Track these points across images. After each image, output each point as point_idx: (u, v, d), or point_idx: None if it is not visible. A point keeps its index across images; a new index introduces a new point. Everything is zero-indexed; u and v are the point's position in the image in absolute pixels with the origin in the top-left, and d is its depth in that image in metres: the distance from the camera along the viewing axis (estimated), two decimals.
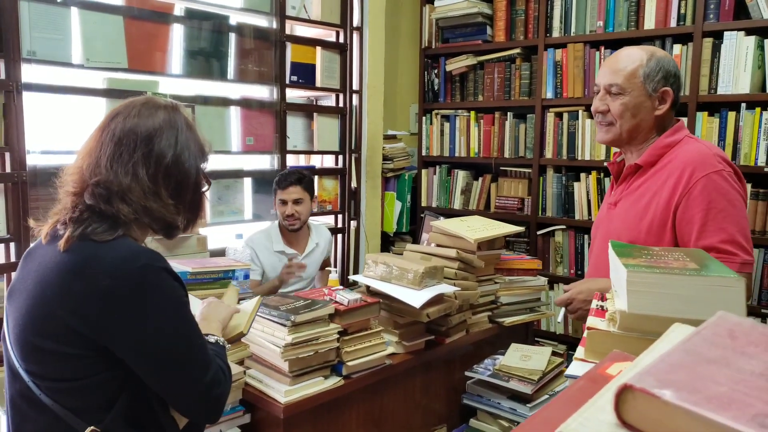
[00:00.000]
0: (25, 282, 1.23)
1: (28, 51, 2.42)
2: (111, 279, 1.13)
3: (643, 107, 1.85)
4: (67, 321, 1.14)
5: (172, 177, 1.27)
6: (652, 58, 1.85)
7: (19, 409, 1.23)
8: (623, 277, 0.86)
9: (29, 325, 1.18)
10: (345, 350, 1.90)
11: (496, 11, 3.80)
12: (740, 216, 1.74)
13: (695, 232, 1.74)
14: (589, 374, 0.62)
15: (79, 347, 1.15)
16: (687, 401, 0.40)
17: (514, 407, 2.19)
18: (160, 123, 1.27)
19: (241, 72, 3.29)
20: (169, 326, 1.18)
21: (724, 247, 1.70)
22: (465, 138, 3.98)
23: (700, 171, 1.75)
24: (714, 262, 0.95)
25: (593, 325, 0.94)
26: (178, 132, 1.29)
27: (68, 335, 1.14)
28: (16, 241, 2.42)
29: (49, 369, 1.17)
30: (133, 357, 1.17)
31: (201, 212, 1.38)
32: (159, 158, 1.25)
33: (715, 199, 1.72)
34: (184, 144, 1.29)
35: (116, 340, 1.15)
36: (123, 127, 1.25)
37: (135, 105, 1.30)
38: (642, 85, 1.84)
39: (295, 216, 3.02)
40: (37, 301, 1.17)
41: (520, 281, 2.57)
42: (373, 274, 2.21)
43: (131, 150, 1.23)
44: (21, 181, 2.40)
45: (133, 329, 1.15)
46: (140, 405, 1.21)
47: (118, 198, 1.21)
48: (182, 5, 3.01)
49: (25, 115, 2.42)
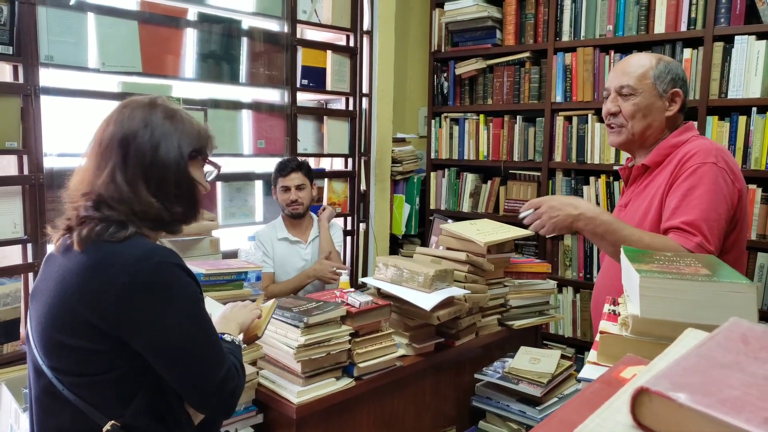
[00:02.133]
0: (46, 283, 1.27)
1: (46, 55, 2.46)
2: (127, 275, 1.17)
3: (654, 108, 1.88)
4: (87, 317, 1.18)
5: (152, 175, 1.28)
6: (661, 61, 1.90)
7: (43, 405, 1.26)
8: (636, 282, 0.88)
9: (51, 322, 1.22)
10: (356, 352, 1.91)
11: (506, 15, 3.81)
12: (712, 208, 1.71)
13: (669, 213, 1.75)
14: (603, 377, 0.64)
15: (98, 342, 1.19)
16: (701, 404, 0.41)
17: (523, 410, 2.20)
18: (136, 125, 1.29)
19: (253, 75, 3.32)
20: (183, 322, 1.22)
21: (684, 227, 1.70)
22: (474, 141, 4.00)
23: (695, 159, 1.77)
24: (725, 267, 0.97)
25: (606, 329, 0.96)
26: (153, 128, 1.30)
27: (88, 331, 1.18)
28: (33, 242, 2.46)
29: (71, 364, 1.21)
30: (149, 351, 1.20)
31: (196, 202, 1.37)
32: (136, 160, 1.27)
33: (695, 186, 1.73)
34: (161, 138, 1.30)
35: (133, 334, 1.19)
36: (104, 135, 1.29)
37: (117, 110, 1.33)
38: (653, 85, 1.87)
39: (299, 201, 3.09)
40: (59, 300, 1.21)
41: (530, 284, 2.59)
42: (384, 276, 2.23)
43: (108, 157, 1.27)
44: (38, 183, 2.44)
45: (149, 324, 1.19)
46: (159, 400, 1.25)
47: (105, 206, 1.25)
48: (195, 10, 3.04)
49: (43, 119, 2.46)
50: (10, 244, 2.43)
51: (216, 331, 1.32)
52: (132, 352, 1.20)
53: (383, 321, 2.03)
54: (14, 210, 2.41)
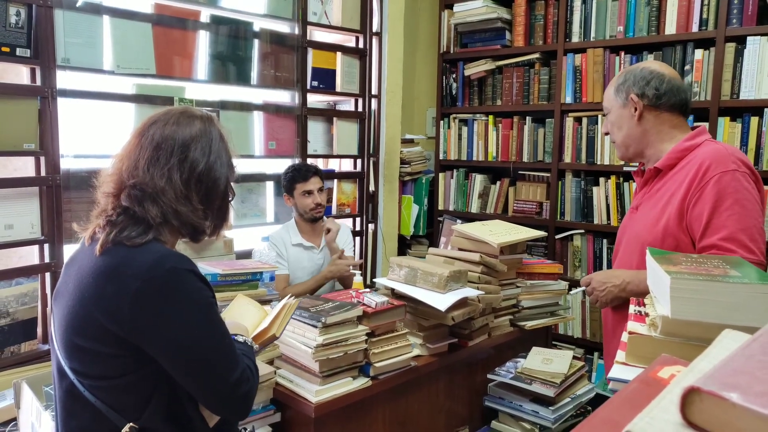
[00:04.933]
0: (67, 285, 1.29)
1: (63, 58, 2.48)
2: (140, 281, 1.19)
3: (623, 117, 2.02)
4: (102, 322, 1.19)
5: (203, 183, 1.33)
6: (622, 74, 2.05)
7: (66, 405, 1.29)
8: (666, 283, 0.89)
9: (71, 325, 1.24)
10: (372, 352, 1.93)
11: (516, 16, 3.82)
12: (748, 215, 1.73)
13: (701, 230, 1.76)
14: (641, 377, 0.65)
15: (114, 347, 1.21)
16: (754, 403, 0.43)
17: (536, 410, 2.21)
18: (196, 132, 1.34)
19: (264, 77, 3.33)
20: (195, 326, 1.23)
21: (723, 244, 1.71)
22: (483, 142, 4.01)
23: (714, 169, 1.77)
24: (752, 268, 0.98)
25: (634, 329, 0.97)
26: (212, 142, 1.36)
27: (104, 335, 1.20)
28: (50, 243, 2.48)
29: (90, 367, 1.23)
30: (163, 356, 1.22)
31: (227, 219, 1.44)
32: (193, 165, 1.32)
33: (723, 197, 1.74)
34: (217, 154, 1.36)
35: (147, 339, 1.21)
36: (162, 133, 1.31)
37: (173, 114, 1.36)
38: (615, 99, 2.03)
39: (323, 204, 3.14)
40: (77, 303, 1.23)
41: (541, 285, 2.60)
42: (397, 277, 2.25)
43: (168, 155, 1.30)
44: (55, 184, 2.46)
45: (162, 329, 1.20)
46: (174, 403, 1.27)
47: (150, 200, 1.27)
48: (208, 12, 3.06)
49: (60, 120, 2.48)
50: (28, 244, 2.45)
51: (229, 335, 1.33)
52: (147, 357, 1.22)
53: (398, 321, 2.05)
54: (32, 211, 2.43)
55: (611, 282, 1.97)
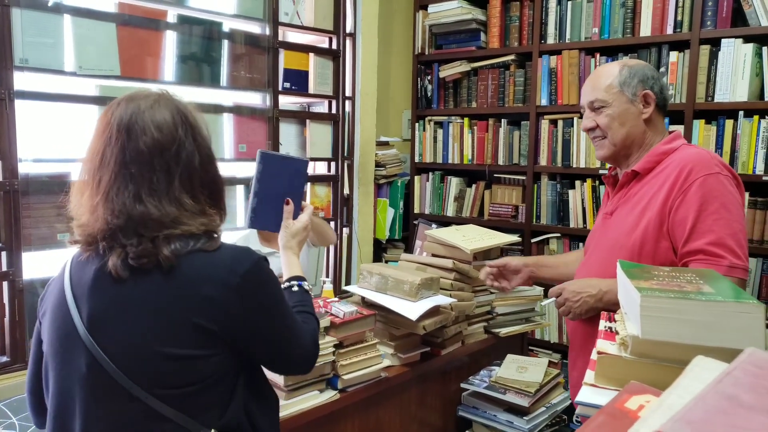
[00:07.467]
0: (115, 308, 1.20)
1: (21, 58, 2.37)
2: (239, 277, 1.22)
3: (629, 113, 1.89)
4: (202, 323, 1.19)
5: (206, 185, 1.32)
6: (624, 67, 1.91)
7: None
8: (636, 301, 0.84)
9: (153, 339, 1.18)
10: (341, 363, 1.87)
11: (491, 17, 3.79)
12: (733, 219, 1.70)
13: (685, 235, 1.71)
14: (608, 409, 0.60)
15: (211, 348, 1.21)
16: None
17: (510, 420, 2.17)
18: (170, 127, 1.31)
19: (234, 79, 3.26)
20: (284, 305, 1.33)
21: (710, 249, 1.67)
22: (458, 144, 3.97)
23: (698, 172, 1.73)
24: (726, 283, 0.93)
25: (603, 349, 0.91)
26: (193, 130, 1.37)
27: (198, 338, 1.19)
28: (8, 250, 2.38)
29: (174, 377, 1.19)
30: (256, 343, 1.28)
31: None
32: (188, 166, 1.28)
33: (708, 201, 1.70)
34: (200, 138, 1.37)
35: (245, 331, 1.24)
36: (139, 145, 1.24)
37: (136, 111, 1.29)
38: (620, 93, 1.89)
39: None
40: (158, 316, 1.18)
41: (516, 291, 2.55)
42: (368, 284, 2.19)
43: (152, 171, 1.23)
44: (13, 189, 2.36)
45: (260, 317, 1.26)
46: (253, 386, 1.33)
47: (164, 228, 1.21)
48: (175, 12, 2.98)
49: (17, 123, 2.38)
50: None
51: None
52: (234, 350, 1.25)
53: (368, 331, 1.99)
54: None
55: (586, 292, 1.80)
